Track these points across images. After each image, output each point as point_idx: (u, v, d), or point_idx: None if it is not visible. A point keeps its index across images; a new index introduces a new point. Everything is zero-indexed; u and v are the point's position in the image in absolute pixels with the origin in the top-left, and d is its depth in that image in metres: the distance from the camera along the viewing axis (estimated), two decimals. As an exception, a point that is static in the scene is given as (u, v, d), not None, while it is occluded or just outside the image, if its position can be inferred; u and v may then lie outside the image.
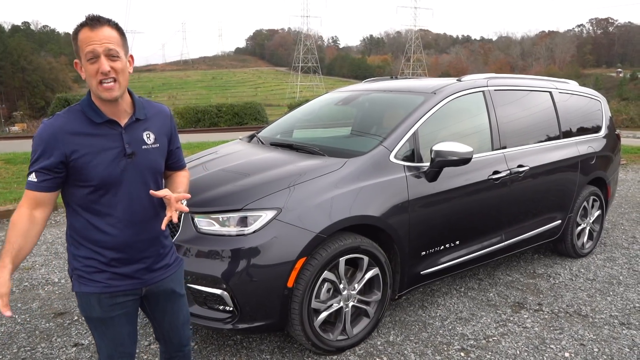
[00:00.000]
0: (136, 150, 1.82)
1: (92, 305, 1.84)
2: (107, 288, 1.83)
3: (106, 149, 1.76)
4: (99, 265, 1.83)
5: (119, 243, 1.83)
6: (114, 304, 1.86)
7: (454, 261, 3.60)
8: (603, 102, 5.35)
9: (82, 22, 1.70)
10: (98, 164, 1.74)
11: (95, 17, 1.70)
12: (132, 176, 1.81)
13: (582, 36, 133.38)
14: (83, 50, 1.68)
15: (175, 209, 1.80)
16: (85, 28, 1.68)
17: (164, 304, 2.03)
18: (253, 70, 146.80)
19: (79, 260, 1.84)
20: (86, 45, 1.67)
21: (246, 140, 4.30)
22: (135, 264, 1.88)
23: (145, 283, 1.92)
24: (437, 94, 3.69)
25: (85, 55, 1.68)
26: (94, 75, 1.69)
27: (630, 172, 9.89)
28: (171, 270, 2.01)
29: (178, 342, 2.15)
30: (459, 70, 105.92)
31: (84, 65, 1.70)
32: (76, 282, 1.85)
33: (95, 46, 1.66)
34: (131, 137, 1.82)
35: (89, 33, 1.67)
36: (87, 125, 1.75)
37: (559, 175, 4.40)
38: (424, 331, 3.39)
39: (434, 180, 3.35)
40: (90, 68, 1.69)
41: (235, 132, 17.13)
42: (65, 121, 1.73)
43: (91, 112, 1.75)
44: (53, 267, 4.53)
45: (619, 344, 3.27)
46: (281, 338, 3.28)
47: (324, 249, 2.87)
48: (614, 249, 5.16)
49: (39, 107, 75.70)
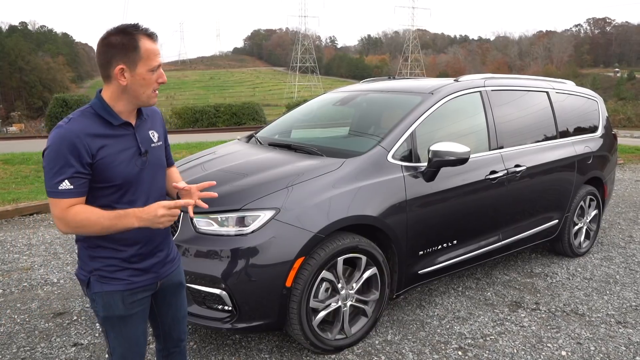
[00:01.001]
0: (147, 148, 1.90)
1: (116, 303, 1.87)
2: (130, 285, 1.88)
3: (124, 149, 1.81)
4: (120, 263, 1.86)
5: (139, 239, 1.88)
6: (134, 301, 1.90)
7: (452, 260, 3.62)
8: (600, 102, 5.38)
9: (134, 30, 1.73)
10: (119, 164, 1.78)
11: (146, 29, 1.77)
12: (147, 174, 1.88)
13: (580, 36, 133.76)
14: (150, 60, 1.75)
15: (195, 200, 1.91)
16: (145, 38, 1.74)
17: (170, 298, 2.10)
18: (251, 70, 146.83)
19: (99, 261, 1.85)
20: (155, 56, 1.76)
21: (244, 140, 4.31)
22: (152, 258, 1.94)
23: (160, 277, 1.99)
24: (434, 94, 3.71)
25: (152, 66, 1.75)
26: (152, 84, 1.78)
27: (627, 171, 9.93)
28: (177, 263, 2.11)
29: (177, 337, 2.20)
30: (457, 70, 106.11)
31: (142, 73, 1.75)
32: (97, 283, 1.86)
33: (159, 58, 1.78)
34: (142, 137, 1.89)
35: (152, 45, 1.76)
36: (105, 127, 1.77)
37: (556, 175, 4.42)
38: (421, 330, 3.41)
39: (431, 180, 3.37)
40: (151, 77, 1.77)
41: (234, 132, 17.13)
42: (84, 124, 1.74)
43: (108, 115, 1.78)
44: (52, 267, 4.54)
45: (616, 343, 3.29)
46: (280, 337, 3.29)
47: (322, 248, 2.88)
48: (611, 248, 5.18)
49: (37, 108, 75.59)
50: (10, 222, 6.06)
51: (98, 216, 1.71)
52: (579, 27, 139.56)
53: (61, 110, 20.52)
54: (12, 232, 5.63)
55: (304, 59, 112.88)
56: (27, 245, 5.15)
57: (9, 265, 4.61)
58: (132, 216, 1.73)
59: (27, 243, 5.23)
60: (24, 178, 8.28)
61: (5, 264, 4.64)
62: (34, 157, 9.59)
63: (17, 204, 6.41)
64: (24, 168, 8.88)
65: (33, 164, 9.11)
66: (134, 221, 1.73)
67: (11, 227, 5.84)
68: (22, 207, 6.30)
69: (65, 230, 1.74)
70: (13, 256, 4.84)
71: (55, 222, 1.74)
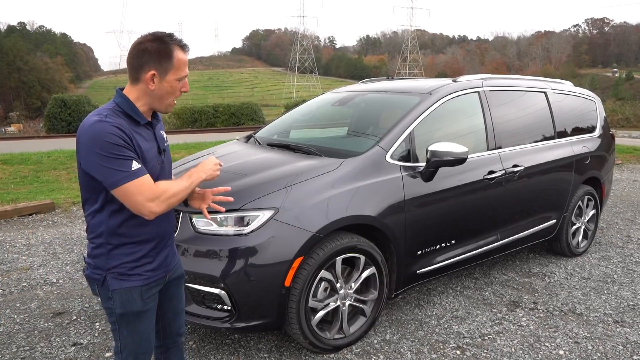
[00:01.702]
0: (164, 147, 2.01)
1: (134, 299, 1.90)
2: (147, 280, 1.93)
3: (150, 147, 1.89)
4: (139, 259, 1.90)
5: (156, 235, 1.94)
6: (150, 296, 1.95)
7: (450, 260, 3.63)
8: (597, 102, 5.39)
9: (170, 40, 1.82)
10: (150, 160, 1.87)
11: (183, 41, 1.86)
12: (164, 171, 1.98)
13: (578, 36, 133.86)
14: (180, 70, 1.85)
15: (209, 203, 2.10)
16: (179, 48, 1.84)
17: (173, 290, 2.15)
18: (250, 71, 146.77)
19: (118, 258, 1.88)
20: (185, 67, 1.87)
21: (243, 140, 4.32)
22: (163, 251, 2.01)
23: (169, 269, 2.05)
24: (432, 94, 3.72)
25: (181, 76, 1.85)
26: (176, 92, 1.89)
27: (625, 171, 9.95)
28: (177, 255, 2.19)
29: (176, 331, 2.24)
30: (455, 70, 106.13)
31: (171, 81, 1.84)
32: (115, 280, 1.88)
33: (187, 69, 1.89)
34: (159, 136, 1.98)
35: (184, 57, 1.86)
36: (134, 125, 1.84)
37: (553, 175, 4.44)
38: (420, 330, 3.42)
39: (429, 180, 3.38)
40: (177, 86, 1.87)
41: (232, 132, 17.14)
42: (119, 120, 1.78)
43: (135, 114, 1.85)
44: (51, 267, 4.54)
45: (613, 342, 3.30)
46: (279, 337, 3.30)
47: (321, 248, 2.89)
48: (609, 248, 5.20)
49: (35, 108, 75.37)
50: (9, 222, 6.06)
51: (176, 182, 1.88)
52: (578, 28, 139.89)
53: (60, 110, 20.47)
54: (11, 233, 5.63)
55: (303, 59, 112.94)
56: (26, 246, 5.16)
57: (8, 265, 4.61)
58: (197, 172, 1.94)
59: (26, 243, 5.24)
60: (23, 178, 8.28)
61: (5, 264, 4.64)
62: (32, 157, 9.60)
63: (16, 204, 6.42)
64: (23, 168, 8.88)
65: (32, 164, 9.11)
66: (201, 174, 1.94)
67: (10, 228, 5.84)
68: (21, 207, 6.31)
69: (159, 209, 1.79)
70: (12, 256, 4.85)
71: (145, 207, 1.75)
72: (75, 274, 4.37)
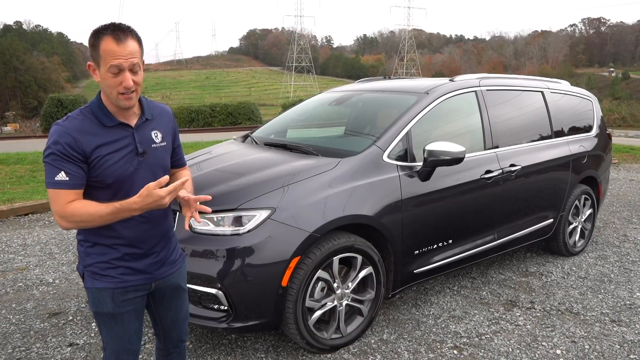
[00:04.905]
0: (146, 149, 1.89)
1: (105, 300, 1.88)
2: (121, 283, 1.88)
3: (119, 149, 1.82)
4: (112, 260, 1.87)
5: (133, 239, 1.89)
6: (125, 300, 1.91)
7: (447, 260, 3.63)
8: (594, 101, 5.40)
9: (104, 30, 1.71)
10: (113, 164, 1.80)
11: (120, 28, 1.72)
12: (144, 174, 1.87)
13: (575, 36, 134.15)
14: (106, 61, 1.70)
15: (196, 209, 1.91)
16: (109, 38, 1.69)
17: (169, 300, 2.09)
18: (247, 70, 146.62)
19: (92, 257, 1.87)
20: (112, 58, 1.69)
21: (240, 140, 4.31)
22: (147, 258, 1.94)
23: (155, 278, 1.98)
24: (429, 94, 3.72)
25: (109, 68, 1.71)
26: (115, 86, 1.73)
27: (622, 170, 9.98)
28: (177, 265, 2.09)
29: (177, 338, 2.20)
30: (452, 69, 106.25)
31: (103, 74, 1.73)
32: (89, 279, 1.88)
33: (121, 61, 1.70)
34: (142, 137, 1.89)
35: (114, 46, 1.69)
36: (100, 127, 1.79)
37: (550, 175, 4.44)
38: (417, 329, 3.42)
39: (426, 179, 3.38)
40: (113, 80, 1.73)
41: (229, 132, 17.12)
42: (80, 123, 1.76)
43: (102, 116, 1.80)
44: (47, 267, 4.53)
45: (610, 341, 3.31)
46: (276, 337, 3.30)
47: (318, 248, 2.89)
48: (606, 247, 5.21)
49: (32, 107, 75.14)
50: (5, 222, 6.04)
51: (97, 208, 1.73)
52: (574, 27, 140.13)
53: (56, 110, 20.44)
54: (7, 232, 5.61)
55: (300, 58, 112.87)
56: (22, 246, 5.14)
57: (4, 265, 4.59)
58: (130, 204, 1.72)
59: (22, 243, 5.21)
60: (19, 178, 8.24)
61: (0, 264, 4.62)
62: (29, 157, 9.56)
63: (12, 204, 6.39)
64: (19, 168, 8.85)
65: (28, 164, 9.08)
66: (133, 207, 1.72)
67: (6, 227, 5.82)
68: (17, 207, 6.29)
69: (66, 225, 1.75)
70: (8, 256, 4.83)
71: (56, 218, 1.75)
72: (72, 274, 4.36)
